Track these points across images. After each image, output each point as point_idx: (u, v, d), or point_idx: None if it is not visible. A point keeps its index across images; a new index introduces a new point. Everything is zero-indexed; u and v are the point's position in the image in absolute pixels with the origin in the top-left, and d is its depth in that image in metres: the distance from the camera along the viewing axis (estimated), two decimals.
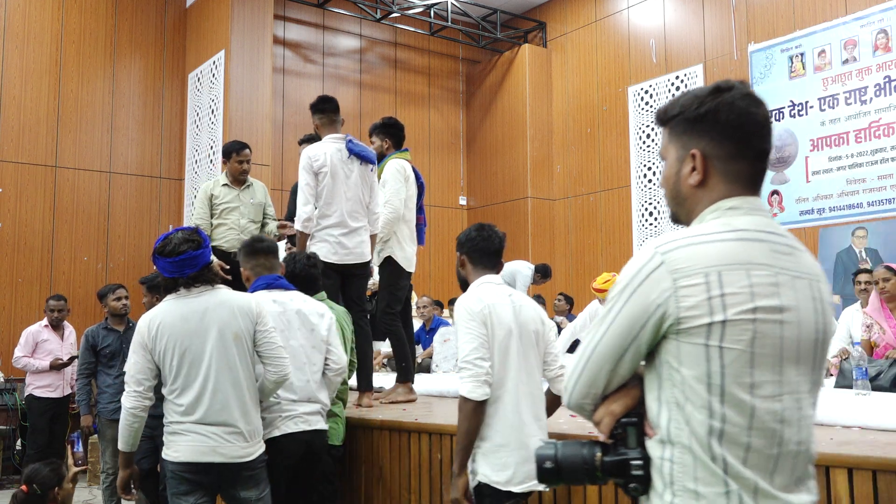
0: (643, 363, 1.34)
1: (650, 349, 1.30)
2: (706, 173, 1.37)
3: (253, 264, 3.42)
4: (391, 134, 4.71)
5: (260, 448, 3.01)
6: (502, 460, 2.58)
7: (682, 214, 1.44)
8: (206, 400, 2.88)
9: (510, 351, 2.64)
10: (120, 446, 3.05)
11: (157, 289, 4.25)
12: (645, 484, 1.30)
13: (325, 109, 4.47)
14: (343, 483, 3.69)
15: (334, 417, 3.52)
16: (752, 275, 1.25)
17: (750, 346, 1.23)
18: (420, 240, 4.79)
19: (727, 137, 1.35)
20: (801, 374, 1.29)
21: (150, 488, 4.41)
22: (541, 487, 2.64)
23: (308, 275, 3.69)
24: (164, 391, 2.96)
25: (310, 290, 3.67)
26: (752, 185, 1.37)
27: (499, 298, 2.71)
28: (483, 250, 2.84)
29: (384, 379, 5.33)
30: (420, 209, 4.75)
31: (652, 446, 1.30)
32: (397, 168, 4.54)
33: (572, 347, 6.36)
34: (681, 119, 1.42)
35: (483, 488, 2.62)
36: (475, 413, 2.56)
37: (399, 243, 4.56)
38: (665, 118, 1.48)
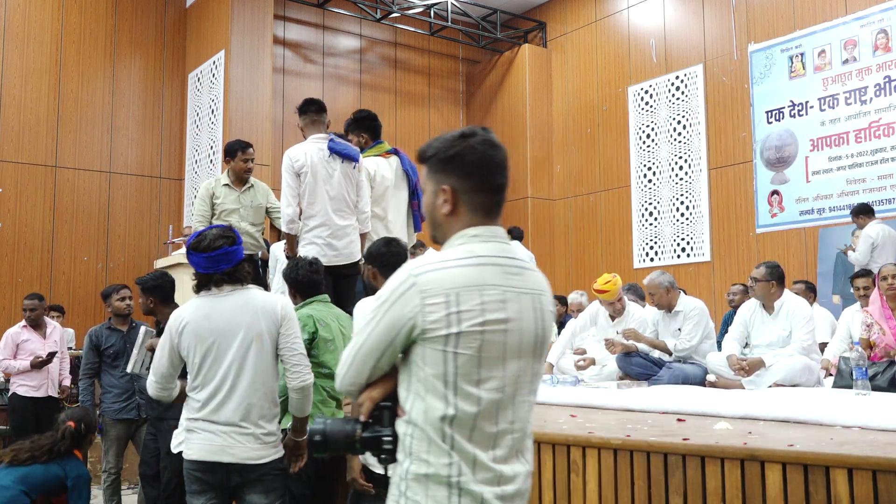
0: (400, 358, 1.66)
1: (404, 350, 1.63)
2: (455, 204, 1.67)
3: None
4: (365, 127, 4.69)
5: (275, 453, 2.96)
6: None
7: (439, 236, 1.73)
8: (221, 398, 2.88)
9: None
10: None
11: (153, 290, 4.22)
12: (393, 455, 1.63)
13: (307, 111, 4.48)
14: (343, 483, 3.69)
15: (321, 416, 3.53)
16: (483, 294, 1.59)
17: (478, 352, 1.58)
18: (416, 226, 4.77)
19: (470, 175, 1.65)
20: (522, 366, 1.65)
21: (151, 494, 4.39)
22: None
23: (311, 280, 3.70)
24: (187, 388, 2.99)
25: (313, 294, 3.68)
26: (491, 215, 1.69)
27: None
28: (392, 264, 3.06)
29: None
30: (414, 194, 4.71)
31: (399, 425, 1.62)
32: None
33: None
34: (435, 160, 1.68)
35: (364, 469, 3.06)
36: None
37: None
38: (423, 158, 1.72)
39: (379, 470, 2.90)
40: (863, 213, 7.34)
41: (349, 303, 4.46)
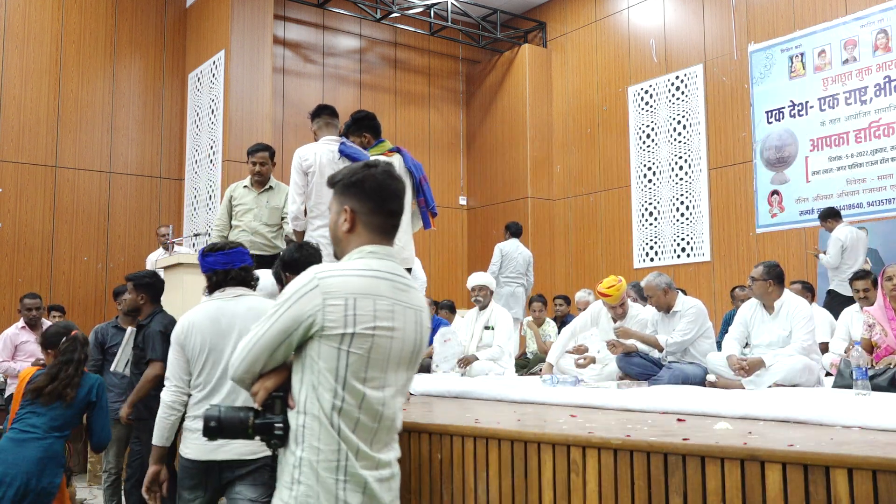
0: (294, 353, 1.85)
1: (300, 345, 1.82)
2: (354, 224, 1.92)
3: None
4: (366, 127, 4.67)
5: (268, 450, 3.01)
6: None
7: (338, 251, 1.97)
8: (218, 398, 2.98)
9: None
10: (155, 441, 3.09)
11: (147, 287, 4.23)
12: (283, 441, 1.82)
13: (321, 114, 4.50)
14: None
15: None
16: (377, 303, 1.82)
17: (367, 353, 1.80)
18: (425, 223, 4.74)
19: (369, 199, 1.91)
20: (399, 373, 1.89)
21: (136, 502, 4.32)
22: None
23: (314, 263, 3.72)
24: (191, 386, 3.08)
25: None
26: (386, 236, 1.94)
27: None
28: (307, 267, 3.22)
29: None
30: (418, 192, 4.68)
31: (291, 415, 1.81)
32: None
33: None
34: (341, 184, 1.95)
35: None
36: None
37: None
38: (331, 184, 2.00)
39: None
40: (830, 216, 7.52)
41: None
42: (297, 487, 1.77)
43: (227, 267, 3.09)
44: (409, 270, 4.69)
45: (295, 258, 3.50)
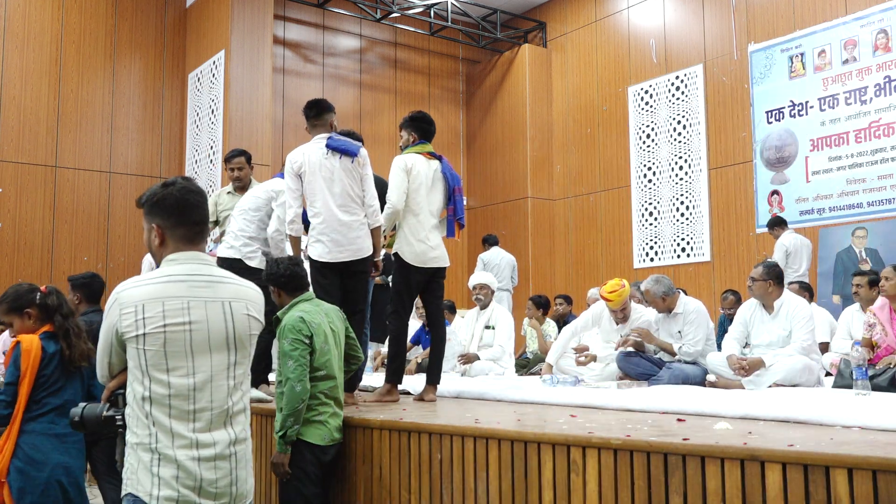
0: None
1: (124, 349, 2.13)
2: (162, 238, 2.20)
3: None
4: (416, 127, 4.70)
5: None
6: None
7: (156, 263, 2.25)
8: None
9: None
10: None
11: (80, 287, 4.28)
12: (124, 429, 2.15)
13: (308, 115, 4.51)
14: (343, 483, 3.69)
15: (320, 417, 3.52)
16: (165, 304, 2.11)
17: (163, 347, 2.09)
18: (449, 231, 4.75)
19: (171, 215, 2.19)
20: (216, 358, 2.17)
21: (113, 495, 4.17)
22: None
23: (293, 273, 3.72)
24: None
25: (298, 289, 3.70)
26: (193, 242, 2.22)
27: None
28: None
29: (377, 379, 5.33)
30: (449, 200, 4.69)
31: (127, 407, 2.15)
32: (396, 163, 4.55)
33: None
34: (147, 205, 2.22)
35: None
36: None
37: (406, 238, 4.52)
38: (139, 205, 2.26)
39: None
40: (777, 225, 8.24)
41: (360, 300, 4.43)
42: (128, 464, 2.11)
43: None
44: (444, 270, 4.73)
45: (281, 273, 3.72)
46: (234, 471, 2.15)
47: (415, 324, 7.00)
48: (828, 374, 5.30)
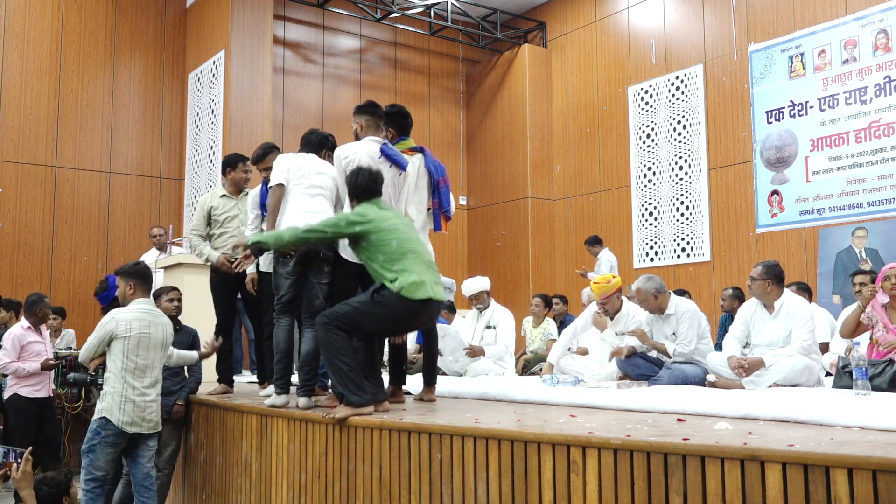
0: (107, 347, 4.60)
1: (109, 346, 4.45)
2: (133, 290, 4.68)
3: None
4: (394, 123, 4.60)
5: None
6: None
7: (126, 304, 4.66)
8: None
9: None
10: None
11: (132, 276, 4.75)
12: (100, 386, 4.56)
13: (375, 113, 4.43)
14: (342, 483, 3.69)
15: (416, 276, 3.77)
16: (140, 322, 4.45)
17: (137, 344, 4.41)
18: (436, 225, 4.68)
19: (139, 279, 4.70)
20: (158, 353, 4.54)
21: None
22: None
23: (367, 187, 3.96)
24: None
25: (370, 197, 3.95)
26: (147, 294, 4.67)
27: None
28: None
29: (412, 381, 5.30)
30: (434, 193, 4.60)
31: (106, 373, 4.48)
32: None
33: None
34: (125, 272, 4.73)
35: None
36: None
37: None
38: (118, 272, 4.71)
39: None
40: (596, 243, 9.47)
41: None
42: (105, 402, 4.33)
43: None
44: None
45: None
46: (156, 410, 4.53)
47: None
48: (828, 374, 5.30)
